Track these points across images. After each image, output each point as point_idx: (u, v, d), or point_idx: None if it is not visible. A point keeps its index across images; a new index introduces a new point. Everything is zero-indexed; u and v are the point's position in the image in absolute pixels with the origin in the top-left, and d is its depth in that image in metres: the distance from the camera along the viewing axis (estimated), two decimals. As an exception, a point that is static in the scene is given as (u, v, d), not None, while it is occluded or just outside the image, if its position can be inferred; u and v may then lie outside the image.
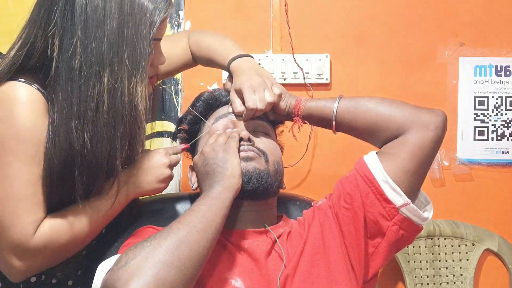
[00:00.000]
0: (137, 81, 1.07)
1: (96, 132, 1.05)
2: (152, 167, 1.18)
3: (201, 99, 1.30)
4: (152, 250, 0.92)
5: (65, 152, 1.05)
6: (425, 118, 1.14)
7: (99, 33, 1.03)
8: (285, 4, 1.91)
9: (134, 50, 1.06)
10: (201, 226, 0.98)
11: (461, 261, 1.86)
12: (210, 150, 1.13)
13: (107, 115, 1.05)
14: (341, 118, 1.21)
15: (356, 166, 1.18)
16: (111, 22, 1.04)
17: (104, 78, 1.04)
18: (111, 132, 1.06)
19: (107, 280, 0.92)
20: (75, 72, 1.04)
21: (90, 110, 1.04)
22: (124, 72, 1.05)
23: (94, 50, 1.03)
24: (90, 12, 1.03)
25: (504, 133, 1.90)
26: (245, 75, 1.24)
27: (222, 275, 1.07)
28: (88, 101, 1.04)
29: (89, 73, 1.03)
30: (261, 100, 1.19)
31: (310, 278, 1.09)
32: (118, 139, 1.07)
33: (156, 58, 1.17)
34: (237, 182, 1.09)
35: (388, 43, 1.92)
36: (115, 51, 1.04)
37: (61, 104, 1.05)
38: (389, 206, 1.12)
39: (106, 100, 1.04)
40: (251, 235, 1.15)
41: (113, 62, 1.04)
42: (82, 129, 1.04)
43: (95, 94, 1.04)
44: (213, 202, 1.03)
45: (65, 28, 1.04)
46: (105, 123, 1.05)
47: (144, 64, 1.07)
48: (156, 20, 1.08)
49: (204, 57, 1.39)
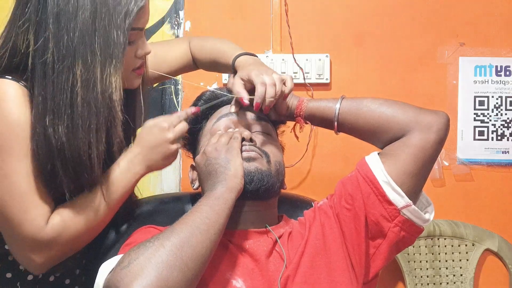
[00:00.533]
0: (110, 71, 1.05)
1: (72, 126, 1.04)
2: (158, 146, 1.16)
3: (203, 98, 1.30)
4: (155, 250, 0.92)
5: (45, 147, 1.05)
6: (427, 119, 1.14)
7: (71, 25, 1.03)
8: (285, 4, 1.91)
9: (107, 39, 1.04)
10: (204, 226, 0.98)
11: (461, 261, 1.86)
12: (213, 150, 1.13)
13: (82, 107, 1.04)
14: (343, 119, 1.20)
15: (357, 166, 1.18)
16: (83, 13, 1.03)
17: (76, 70, 1.03)
18: (85, 124, 1.05)
19: (109, 281, 0.92)
20: (48, 66, 1.03)
21: (64, 104, 1.03)
22: (96, 62, 1.04)
23: (66, 43, 1.03)
24: (62, 5, 1.03)
25: (504, 133, 1.90)
26: (251, 65, 1.23)
27: (223, 276, 1.07)
28: (62, 94, 1.03)
29: (62, 66, 1.03)
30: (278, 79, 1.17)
31: (311, 279, 1.09)
32: (94, 131, 1.06)
33: (140, 48, 1.15)
34: (240, 182, 1.08)
35: (388, 43, 1.92)
36: (87, 42, 1.03)
37: (36, 100, 1.05)
38: (391, 207, 1.12)
39: (80, 93, 1.04)
40: (252, 236, 1.15)
41: (85, 53, 1.03)
42: (57, 124, 1.04)
43: (69, 87, 1.03)
44: (216, 203, 1.03)
45: (38, 22, 1.04)
46: (79, 116, 1.04)
47: (118, 53, 1.06)
48: (132, 9, 1.07)
49: (207, 58, 1.38)
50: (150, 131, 1.17)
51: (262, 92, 1.15)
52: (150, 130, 1.17)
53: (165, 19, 1.94)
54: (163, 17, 1.94)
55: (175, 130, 1.17)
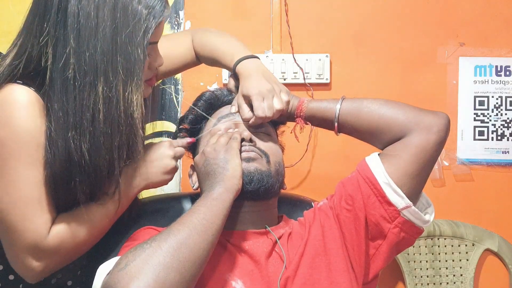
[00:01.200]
0: (132, 89, 1.05)
1: (94, 142, 1.04)
2: (157, 159, 1.18)
3: (203, 99, 1.30)
4: (152, 252, 0.92)
5: (64, 162, 1.05)
6: (428, 120, 1.13)
7: (92, 42, 1.02)
8: (285, 4, 1.91)
9: (128, 57, 1.04)
10: (201, 227, 0.98)
11: (461, 261, 1.86)
12: (212, 150, 1.13)
13: (104, 124, 1.04)
14: (343, 119, 1.20)
15: (358, 167, 1.18)
16: (104, 30, 1.02)
17: (98, 87, 1.02)
18: (108, 141, 1.05)
19: (107, 283, 0.92)
20: (69, 82, 1.02)
21: (86, 120, 1.03)
22: (118, 81, 1.03)
23: (88, 59, 1.02)
24: (82, 20, 1.02)
25: (504, 133, 1.90)
26: (253, 79, 1.22)
27: (222, 276, 1.07)
28: (84, 111, 1.03)
29: (84, 82, 1.02)
30: (270, 108, 1.18)
31: (310, 279, 1.09)
32: (116, 149, 1.06)
33: (154, 61, 1.15)
34: (238, 183, 1.08)
35: (388, 43, 1.92)
36: (108, 60, 1.03)
37: (57, 114, 1.04)
38: (391, 208, 1.12)
39: (102, 110, 1.03)
40: (251, 236, 1.15)
41: (107, 70, 1.03)
42: (80, 140, 1.03)
43: (91, 104, 1.03)
44: (214, 203, 1.03)
45: (58, 37, 1.03)
46: (101, 132, 1.04)
47: (139, 71, 1.06)
48: (151, 26, 1.06)
49: (209, 57, 1.37)
50: (151, 147, 1.19)
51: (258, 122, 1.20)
52: (151, 146, 1.19)
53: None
54: (163, 17, 1.93)
55: (176, 150, 1.20)
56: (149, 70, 1.15)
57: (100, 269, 1.00)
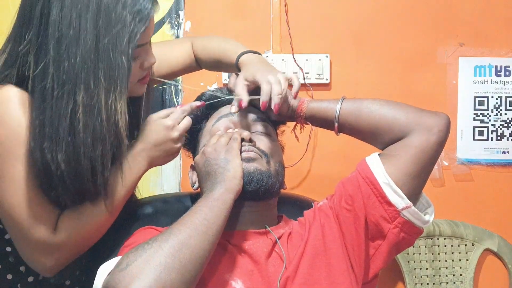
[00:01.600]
0: (115, 97, 1.03)
1: (71, 152, 1.02)
2: (161, 143, 1.15)
3: (203, 99, 1.29)
4: (153, 252, 0.92)
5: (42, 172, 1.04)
6: (428, 121, 1.14)
7: (72, 50, 1.00)
8: (285, 4, 1.91)
9: (111, 65, 1.02)
10: (202, 228, 0.98)
11: (460, 261, 1.86)
12: (212, 150, 1.13)
13: (84, 134, 1.02)
14: (343, 119, 1.20)
15: (358, 167, 1.18)
16: (85, 37, 1.00)
17: (78, 96, 1.00)
18: (89, 151, 1.03)
19: (108, 283, 0.92)
20: (48, 91, 1.01)
21: (62, 130, 1.01)
22: (100, 89, 1.01)
23: (67, 68, 1.00)
24: (63, 29, 1.00)
25: (504, 133, 1.90)
26: (256, 65, 1.21)
27: (222, 277, 1.07)
28: (61, 121, 1.01)
29: (61, 91, 1.00)
30: (283, 78, 1.15)
31: (310, 279, 1.09)
32: (99, 158, 1.04)
33: (146, 61, 1.13)
34: (239, 183, 1.08)
35: (388, 43, 1.92)
36: (90, 68, 1.00)
37: (33, 124, 1.03)
38: (391, 208, 1.12)
39: (82, 119, 1.01)
40: (251, 236, 1.15)
41: (88, 78, 1.00)
42: (55, 151, 1.02)
43: (68, 113, 1.01)
44: (215, 204, 1.03)
45: (39, 45, 1.02)
46: (82, 143, 1.02)
47: (123, 78, 1.03)
48: (137, 32, 1.03)
49: (211, 58, 1.36)
50: (154, 128, 1.16)
51: (268, 90, 1.14)
52: (154, 127, 1.16)
53: (165, 19, 1.94)
54: (163, 17, 1.94)
55: (180, 127, 1.17)
56: (141, 69, 1.13)
57: (100, 269, 1.00)
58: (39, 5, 1.02)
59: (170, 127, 1.16)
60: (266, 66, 1.22)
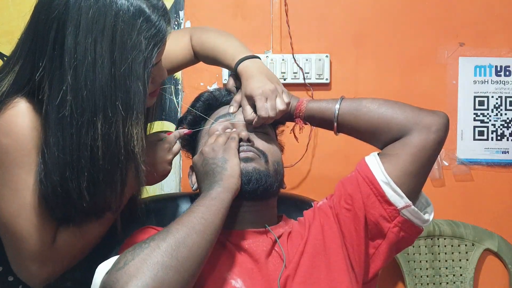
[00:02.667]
0: (132, 123, 1.01)
1: (92, 180, 1.01)
2: (156, 164, 1.19)
3: (201, 99, 1.30)
4: (150, 251, 0.92)
5: (60, 198, 1.03)
6: (427, 120, 1.14)
7: (90, 78, 0.97)
8: (285, 4, 1.91)
9: (128, 92, 1.00)
10: (199, 227, 0.98)
11: (460, 261, 1.86)
12: (210, 150, 1.13)
13: (103, 161, 1.01)
14: (342, 119, 1.20)
15: (357, 167, 1.18)
16: (102, 65, 0.98)
17: (97, 124, 0.98)
18: (108, 177, 1.03)
19: (105, 282, 0.92)
20: (66, 120, 0.98)
21: (84, 158, 1.00)
22: (118, 116, 0.99)
23: (86, 97, 0.98)
24: (79, 56, 0.97)
25: (504, 133, 1.90)
26: (256, 80, 1.21)
27: (222, 276, 1.07)
28: (82, 149, 0.99)
29: (82, 120, 0.98)
30: (272, 109, 1.18)
31: (310, 279, 1.09)
32: (117, 184, 1.05)
33: (158, 76, 1.12)
34: (236, 182, 1.08)
35: (388, 43, 1.92)
36: (107, 96, 0.98)
37: (52, 151, 1.00)
38: (390, 207, 1.12)
39: (101, 147, 0.99)
40: (251, 235, 1.15)
41: (106, 107, 0.99)
42: (78, 179, 1.01)
43: (89, 141, 0.99)
44: (212, 203, 1.03)
45: (54, 72, 0.99)
46: (101, 170, 1.01)
47: (139, 104, 1.01)
48: (152, 56, 1.02)
49: (209, 56, 1.35)
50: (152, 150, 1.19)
51: (260, 123, 1.20)
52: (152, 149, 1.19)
53: (165, 19, 1.93)
54: (163, 17, 1.93)
55: (173, 151, 1.22)
56: (153, 84, 1.11)
57: (99, 268, 1.00)
58: (53, 31, 0.99)
59: (166, 149, 1.21)
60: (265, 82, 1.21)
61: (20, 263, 1.10)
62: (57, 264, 1.11)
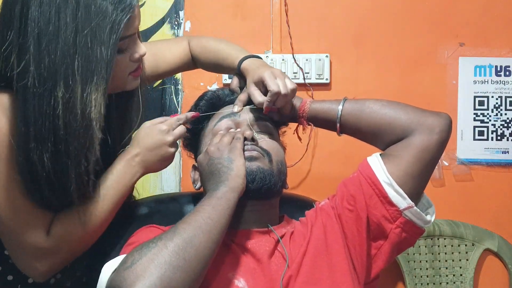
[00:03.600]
0: (91, 89, 1.01)
1: (56, 151, 1.01)
2: (156, 148, 1.16)
3: (205, 98, 1.30)
4: (158, 251, 0.92)
5: (30, 175, 1.03)
6: (430, 121, 1.14)
7: (52, 46, 0.98)
8: (285, 4, 1.91)
9: (88, 57, 0.99)
10: (206, 227, 0.98)
11: (461, 261, 1.86)
12: (215, 149, 1.13)
13: (64, 131, 1.00)
14: (345, 120, 1.20)
15: (359, 167, 1.18)
16: (65, 33, 0.98)
17: (58, 92, 0.98)
18: (69, 148, 1.02)
19: (112, 281, 0.93)
20: (29, 91, 0.99)
21: (47, 130, 0.99)
22: (76, 82, 0.99)
23: (47, 64, 0.98)
24: (42, 25, 0.98)
25: (504, 133, 1.90)
26: (262, 67, 1.21)
27: (225, 275, 1.07)
28: (44, 120, 0.99)
29: (43, 89, 0.98)
30: (284, 86, 1.16)
31: (312, 279, 1.09)
32: (80, 154, 1.03)
33: (135, 52, 1.12)
34: (242, 182, 1.08)
35: (388, 43, 1.92)
36: (68, 63, 0.98)
37: (18, 126, 1.01)
38: (393, 208, 1.12)
39: (62, 116, 0.99)
40: (254, 235, 1.15)
41: (67, 74, 0.99)
42: (41, 150, 1.00)
43: (50, 111, 0.99)
44: (218, 203, 1.03)
45: (20, 44, 0.99)
46: (62, 140, 1.01)
47: (101, 69, 1.01)
48: (120, 22, 1.01)
49: (210, 59, 1.36)
50: (149, 133, 1.17)
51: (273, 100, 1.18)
52: (149, 132, 1.17)
53: (165, 19, 1.94)
54: (163, 17, 1.93)
55: (174, 133, 1.18)
56: (132, 62, 1.12)
57: (105, 267, 1.01)
58: (18, 4, 1.00)
59: (164, 131, 1.16)
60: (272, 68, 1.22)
61: (20, 259, 1.11)
62: (56, 256, 1.10)
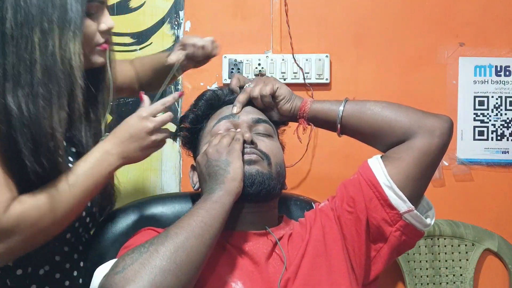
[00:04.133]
0: (69, 37, 1.07)
1: (32, 93, 1.04)
2: (134, 135, 1.14)
3: (204, 98, 1.29)
4: (149, 256, 0.92)
5: (4, 118, 1.03)
6: (431, 123, 1.13)
7: None
8: (285, 4, 1.91)
9: (63, 6, 1.07)
10: (199, 231, 0.98)
11: (461, 261, 1.86)
12: (214, 151, 1.12)
13: (41, 74, 1.05)
14: (346, 121, 1.20)
15: (360, 169, 1.17)
16: None
17: (34, 37, 1.04)
18: (46, 92, 1.05)
19: (103, 285, 0.92)
20: (7, 36, 1.04)
21: (24, 71, 1.04)
22: (54, 30, 1.06)
23: (24, 11, 1.04)
24: None
25: (504, 133, 1.90)
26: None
27: (222, 278, 1.07)
28: (21, 63, 1.04)
29: (20, 33, 1.04)
30: (200, 40, 1.34)
31: (311, 281, 1.09)
32: (55, 98, 1.06)
33: (103, 23, 1.17)
34: (238, 185, 1.07)
35: (388, 43, 1.92)
36: (44, 10, 1.05)
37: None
38: (393, 211, 1.12)
39: (39, 60, 1.05)
40: (251, 237, 1.14)
41: (43, 20, 1.05)
42: (17, 90, 1.03)
43: (27, 55, 1.04)
44: (213, 206, 1.02)
45: None
46: (39, 83, 1.05)
47: (76, 20, 1.08)
48: None
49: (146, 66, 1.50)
50: (128, 120, 1.16)
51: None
52: (128, 119, 1.16)
53: (165, 19, 1.94)
54: (163, 17, 1.93)
55: (156, 119, 1.16)
56: (101, 33, 1.17)
57: (97, 271, 1.01)
58: None
59: (143, 118, 1.15)
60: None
61: None
62: (12, 238, 1.04)
